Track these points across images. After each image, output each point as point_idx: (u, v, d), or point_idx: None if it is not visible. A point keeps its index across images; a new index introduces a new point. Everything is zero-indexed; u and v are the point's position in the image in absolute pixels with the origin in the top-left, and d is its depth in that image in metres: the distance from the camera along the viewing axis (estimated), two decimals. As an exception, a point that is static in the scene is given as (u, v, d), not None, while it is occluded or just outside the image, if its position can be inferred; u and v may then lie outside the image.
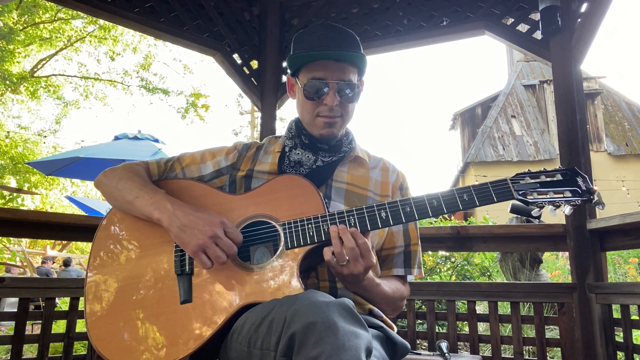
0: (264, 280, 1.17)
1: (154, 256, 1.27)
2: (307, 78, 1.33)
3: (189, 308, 1.17)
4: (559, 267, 7.22)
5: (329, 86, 1.31)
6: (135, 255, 1.29)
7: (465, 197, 1.16)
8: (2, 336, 2.30)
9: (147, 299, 1.22)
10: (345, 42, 1.33)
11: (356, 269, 1.11)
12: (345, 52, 1.31)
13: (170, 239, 1.25)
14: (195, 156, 1.47)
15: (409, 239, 1.44)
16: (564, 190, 1.14)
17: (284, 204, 1.25)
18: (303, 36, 1.38)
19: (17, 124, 17.60)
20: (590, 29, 2.48)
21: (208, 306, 1.17)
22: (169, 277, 1.23)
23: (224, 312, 1.14)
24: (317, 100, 1.33)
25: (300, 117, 1.42)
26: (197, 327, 1.14)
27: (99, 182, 1.40)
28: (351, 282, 1.17)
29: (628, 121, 18.08)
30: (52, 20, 15.51)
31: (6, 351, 2.31)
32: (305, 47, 1.33)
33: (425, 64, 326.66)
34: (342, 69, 1.31)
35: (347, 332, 0.85)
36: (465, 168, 18.16)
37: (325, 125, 1.35)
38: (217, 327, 1.13)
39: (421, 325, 3.30)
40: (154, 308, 1.20)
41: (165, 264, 1.25)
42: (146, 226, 1.29)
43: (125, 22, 2.87)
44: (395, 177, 1.48)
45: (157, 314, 1.19)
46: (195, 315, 1.16)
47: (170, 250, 1.26)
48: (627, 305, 2.17)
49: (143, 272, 1.26)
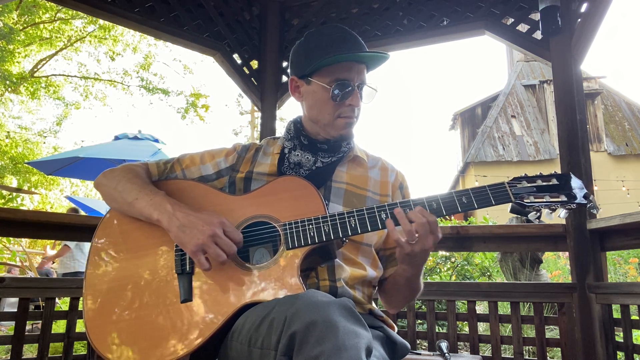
0: (264, 280, 1.17)
1: (153, 256, 1.27)
2: (330, 79, 1.33)
3: (190, 307, 1.18)
4: (559, 267, 7.22)
5: (353, 87, 1.34)
6: (135, 255, 1.29)
7: (464, 199, 1.18)
8: (2, 336, 2.30)
9: (146, 298, 1.22)
10: (360, 44, 1.36)
11: (427, 244, 1.16)
12: (369, 54, 1.34)
13: (170, 239, 1.25)
14: (194, 157, 1.47)
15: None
16: (560, 194, 1.17)
17: (284, 205, 1.26)
18: (317, 38, 1.37)
19: (17, 124, 17.62)
20: (590, 29, 2.48)
21: (209, 305, 1.17)
22: (168, 276, 1.23)
23: (224, 312, 1.14)
24: (340, 102, 1.34)
25: (315, 118, 1.40)
26: (198, 326, 1.14)
27: (98, 183, 1.40)
28: (421, 259, 1.22)
29: (628, 121, 18.08)
30: (52, 20, 15.51)
31: (6, 351, 2.31)
32: (326, 49, 1.32)
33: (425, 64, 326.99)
34: (362, 71, 1.36)
35: (347, 332, 0.86)
36: (465, 168, 18.17)
37: (346, 126, 1.37)
38: (217, 326, 1.13)
39: (421, 325, 3.31)
40: (153, 307, 1.20)
41: (165, 264, 1.25)
42: (145, 226, 1.29)
43: (125, 22, 2.87)
44: (394, 177, 1.48)
45: (157, 313, 1.19)
46: (195, 315, 1.16)
47: (170, 249, 1.26)
48: (627, 305, 2.17)
49: (142, 271, 1.26)
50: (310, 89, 1.38)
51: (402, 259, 1.24)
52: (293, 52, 1.44)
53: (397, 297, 1.43)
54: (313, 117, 1.40)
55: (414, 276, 1.31)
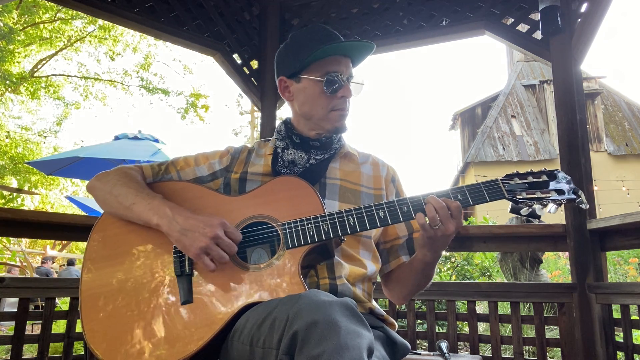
0: (265, 280, 1.17)
1: (151, 258, 1.27)
2: (320, 73, 1.35)
3: (190, 309, 1.17)
4: (559, 267, 7.22)
5: (344, 79, 1.37)
6: (131, 258, 1.28)
7: (459, 196, 1.22)
8: (2, 336, 2.30)
9: (146, 301, 1.21)
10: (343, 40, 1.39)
11: (448, 229, 1.18)
12: (355, 43, 1.36)
13: (167, 240, 1.25)
14: (188, 159, 1.47)
15: (411, 227, 1.47)
16: (550, 190, 1.21)
17: (283, 205, 1.26)
18: (302, 38, 1.40)
19: (17, 124, 17.62)
20: (590, 29, 2.48)
21: (209, 306, 1.16)
22: (168, 278, 1.23)
23: (225, 312, 1.14)
24: (333, 95, 1.36)
25: (309, 114, 1.41)
26: (199, 328, 1.14)
27: (92, 186, 1.39)
28: (442, 243, 1.24)
29: (628, 121, 18.08)
30: (52, 20, 15.51)
31: (6, 351, 2.31)
32: (313, 46, 1.34)
33: (425, 64, 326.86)
34: (349, 64, 1.40)
35: (349, 331, 0.86)
36: (465, 168, 18.17)
37: (340, 118, 1.40)
38: (219, 326, 1.12)
39: (421, 325, 3.31)
40: (154, 309, 1.19)
41: (164, 265, 1.25)
42: (140, 229, 1.29)
43: (125, 22, 2.87)
44: (386, 171, 1.51)
45: (158, 316, 1.18)
46: (196, 316, 1.16)
47: (167, 251, 1.26)
48: (627, 305, 2.17)
49: (141, 274, 1.25)
50: (301, 86, 1.40)
51: (423, 242, 1.26)
52: (279, 54, 1.46)
53: (409, 285, 1.42)
54: (306, 114, 1.42)
55: (432, 262, 1.33)
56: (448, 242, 1.25)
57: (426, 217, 1.19)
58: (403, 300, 1.49)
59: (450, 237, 1.22)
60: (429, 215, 1.18)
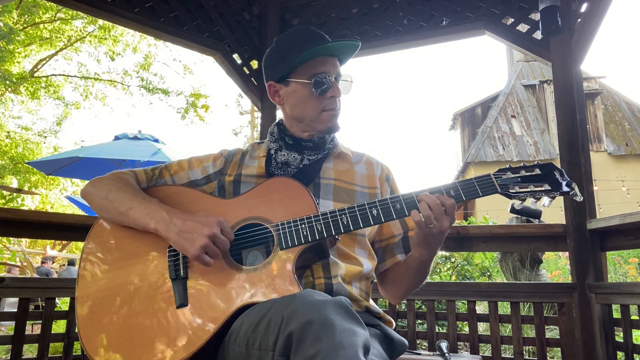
0: (260, 281, 1.17)
1: (145, 262, 1.26)
2: (308, 75, 1.35)
3: (186, 312, 1.17)
4: (559, 267, 7.22)
5: (332, 79, 1.37)
6: (126, 263, 1.27)
7: (452, 192, 1.21)
8: (2, 336, 2.30)
9: (141, 305, 1.20)
10: (328, 40, 1.38)
11: (443, 225, 1.18)
12: (340, 42, 1.35)
13: (161, 244, 1.25)
14: (182, 163, 1.48)
15: (406, 226, 1.47)
16: (543, 183, 1.20)
17: (276, 206, 1.26)
18: (287, 41, 1.40)
19: (17, 124, 17.62)
20: (590, 29, 2.48)
21: (205, 309, 1.16)
22: (162, 282, 1.23)
23: (221, 315, 1.14)
24: (322, 95, 1.36)
25: (300, 116, 1.41)
26: (195, 331, 1.14)
27: (86, 192, 1.38)
28: (438, 239, 1.24)
29: (628, 121, 18.08)
30: (52, 20, 15.51)
31: (6, 351, 2.31)
32: (298, 48, 1.33)
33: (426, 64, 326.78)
34: (336, 63, 1.40)
35: (344, 330, 0.86)
36: (465, 168, 18.16)
37: (331, 118, 1.40)
38: (215, 329, 1.12)
39: (421, 325, 3.30)
40: (149, 313, 1.19)
41: (158, 269, 1.25)
42: (135, 233, 1.28)
43: (125, 22, 2.87)
44: (380, 170, 1.51)
45: (153, 319, 1.18)
46: (192, 319, 1.15)
47: (161, 255, 1.26)
48: (627, 305, 2.17)
49: (135, 278, 1.25)
50: (290, 89, 1.40)
51: (419, 240, 1.26)
52: (266, 59, 1.46)
53: (405, 284, 1.42)
54: (297, 116, 1.42)
55: (428, 260, 1.32)
56: (443, 238, 1.25)
57: (421, 214, 1.19)
58: (399, 299, 1.49)
59: (445, 233, 1.22)
60: (423, 213, 1.18)
